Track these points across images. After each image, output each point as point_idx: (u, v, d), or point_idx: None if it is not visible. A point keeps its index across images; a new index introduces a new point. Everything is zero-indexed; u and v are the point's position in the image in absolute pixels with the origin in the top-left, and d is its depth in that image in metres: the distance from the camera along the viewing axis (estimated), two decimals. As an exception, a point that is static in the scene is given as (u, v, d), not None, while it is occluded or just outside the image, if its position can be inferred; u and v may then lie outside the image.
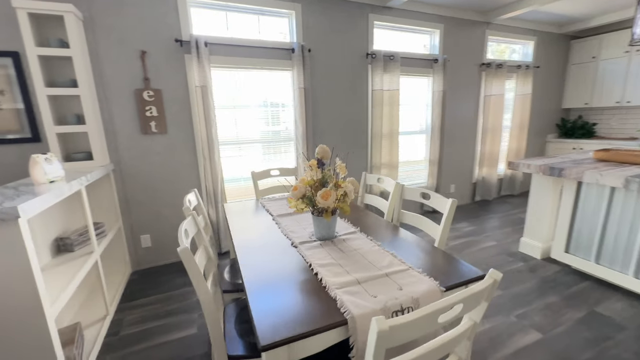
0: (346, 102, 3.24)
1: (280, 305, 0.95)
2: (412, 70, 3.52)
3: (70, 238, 1.88)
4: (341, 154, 3.33)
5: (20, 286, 1.17)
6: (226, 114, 2.81)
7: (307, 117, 2.96)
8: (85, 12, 2.21)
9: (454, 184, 4.18)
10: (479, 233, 3.25)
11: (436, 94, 3.65)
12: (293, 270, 1.17)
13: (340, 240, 1.42)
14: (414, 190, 1.69)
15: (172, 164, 2.64)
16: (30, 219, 1.65)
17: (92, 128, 2.19)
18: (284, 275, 1.13)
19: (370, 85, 3.34)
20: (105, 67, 2.32)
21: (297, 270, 1.17)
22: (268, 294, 1.01)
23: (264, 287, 1.06)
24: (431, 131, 3.79)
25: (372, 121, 3.38)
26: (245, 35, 2.78)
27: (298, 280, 1.09)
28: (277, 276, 1.12)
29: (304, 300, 0.97)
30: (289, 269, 1.18)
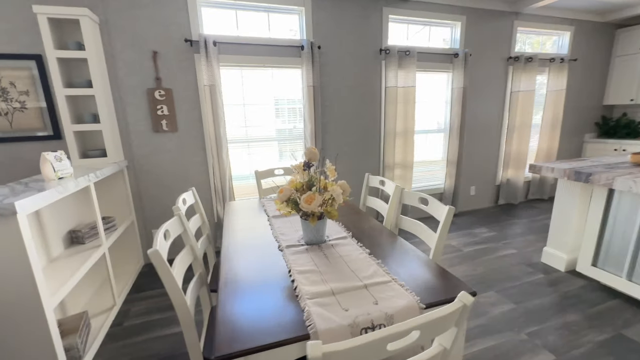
0: (358, 99, 3.15)
1: (248, 313, 0.92)
2: (429, 65, 3.35)
3: (81, 231, 1.98)
4: (346, 154, 3.25)
5: (19, 278, 1.24)
6: (236, 113, 2.84)
7: (316, 115, 2.91)
8: (101, 16, 2.31)
9: (474, 186, 3.95)
10: (498, 239, 3.04)
11: (456, 90, 3.44)
12: (272, 275, 1.14)
13: (328, 245, 1.37)
14: (413, 195, 1.60)
15: (183, 162, 2.71)
16: (42, 213, 1.76)
17: (106, 126, 2.29)
18: (261, 280, 1.10)
19: (384, 82, 3.21)
20: (119, 68, 2.41)
21: (276, 276, 1.14)
22: (240, 299, 0.99)
23: (238, 291, 1.04)
24: (450, 130, 3.59)
25: (385, 119, 3.26)
26: (255, 33, 2.78)
27: (274, 287, 1.06)
28: (254, 280, 1.10)
29: (275, 308, 0.94)
30: (269, 273, 1.15)
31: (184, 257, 1.25)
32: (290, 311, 0.93)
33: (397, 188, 1.68)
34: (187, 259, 1.28)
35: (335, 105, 3.08)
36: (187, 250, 1.30)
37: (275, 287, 1.06)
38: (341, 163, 3.22)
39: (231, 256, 1.29)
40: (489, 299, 2.08)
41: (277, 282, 1.09)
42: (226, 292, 1.04)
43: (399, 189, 1.66)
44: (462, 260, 2.63)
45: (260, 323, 0.87)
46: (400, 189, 1.66)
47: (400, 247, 1.34)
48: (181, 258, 1.21)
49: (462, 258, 2.68)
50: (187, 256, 1.28)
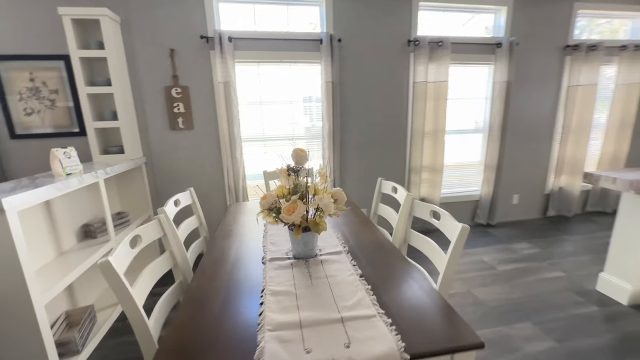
0: (381, 96, 2.90)
1: (196, 340, 0.79)
2: (466, 58, 2.98)
3: (93, 225, 2.04)
4: (367, 155, 3.01)
5: (7, 275, 1.25)
6: (252, 110, 2.77)
7: (335, 113, 2.73)
8: (122, 15, 2.36)
9: (518, 194, 3.47)
10: (542, 258, 2.61)
11: (498, 85, 3.03)
12: (243, 294, 1.00)
13: (317, 261, 1.20)
14: (424, 207, 1.36)
15: (198, 160, 2.70)
16: (54, 206, 1.81)
17: (124, 124, 2.34)
18: (229, 299, 0.97)
19: (412, 76, 2.93)
20: (139, 66, 2.46)
21: (247, 294, 1.00)
22: (197, 322, 0.87)
23: (199, 311, 0.92)
24: (489, 130, 3.18)
25: (412, 118, 2.97)
26: (274, 27, 2.68)
27: (240, 309, 0.92)
28: (222, 299, 0.97)
29: (229, 339, 0.80)
30: (241, 290, 1.02)
31: (159, 264, 1.16)
32: (245, 344, 0.78)
33: (407, 197, 1.45)
34: (163, 266, 1.20)
35: (356, 103, 2.87)
36: (165, 257, 1.22)
37: (241, 310, 0.92)
38: (362, 165, 3.01)
39: (207, 267, 1.18)
40: (524, 332, 1.75)
41: (245, 303, 0.95)
42: (185, 311, 0.93)
43: (410, 198, 1.43)
44: (495, 280, 2.28)
45: (202, 356, 0.74)
46: (411, 198, 1.43)
47: (401, 270, 1.12)
48: (154, 266, 1.13)
49: (495, 278, 2.33)
50: (163, 263, 1.20)
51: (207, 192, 2.77)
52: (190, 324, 0.87)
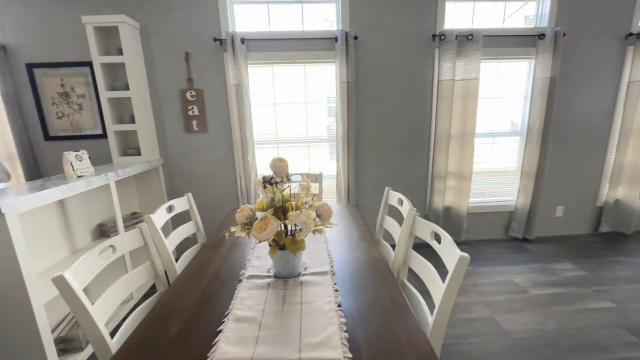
0: (402, 96, 2.69)
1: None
2: (500, 52, 2.66)
3: (107, 225, 2.12)
4: (385, 160, 2.81)
5: (6, 275, 1.30)
6: (265, 113, 2.72)
7: (349, 115, 2.58)
8: (141, 21, 2.43)
9: (563, 206, 3.04)
10: (588, 283, 2.24)
11: (539, 82, 2.67)
12: (207, 317, 0.92)
13: (297, 282, 1.08)
14: (425, 226, 1.18)
15: (212, 162, 2.71)
16: (69, 206, 1.90)
17: (141, 127, 2.42)
18: (191, 321, 0.90)
19: (437, 74, 2.68)
20: (156, 70, 2.52)
21: (211, 317, 0.92)
22: (150, 343, 0.80)
23: (155, 331, 0.86)
24: (528, 133, 2.82)
25: (437, 119, 2.72)
26: (288, 27, 2.60)
27: (197, 334, 0.84)
28: (183, 320, 0.90)
29: (171, 372, 0.72)
30: (206, 312, 0.94)
31: (135, 275, 1.13)
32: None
33: (409, 213, 1.27)
34: (142, 277, 1.17)
35: (373, 104, 2.69)
36: (145, 267, 1.19)
37: (200, 336, 0.84)
38: (379, 170, 2.82)
39: (181, 282, 1.13)
40: (555, 375, 1.48)
41: (207, 327, 0.87)
42: (142, 330, 0.87)
43: (412, 214, 1.26)
44: (525, 307, 1.99)
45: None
46: (413, 214, 1.25)
47: (390, 302, 0.97)
48: (129, 277, 1.10)
49: (525, 303, 2.03)
50: (142, 274, 1.17)
51: (220, 195, 2.78)
52: (143, 346, 0.80)
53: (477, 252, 2.79)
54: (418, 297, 1.14)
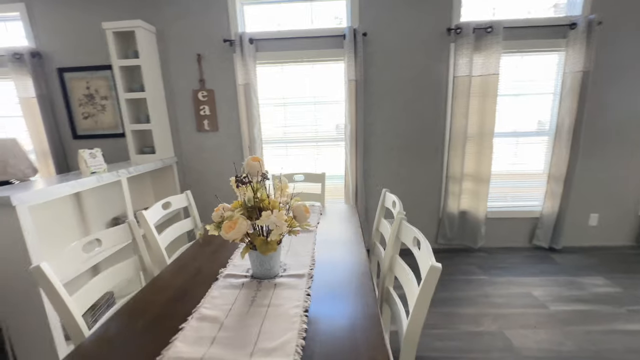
0: (414, 94, 2.58)
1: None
2: (524, 44, 2.46)
3: (120, 218, 2.24)
4: (396, 161, 2.70)
5: (16, 263, 1.42)
6: (274, 112, 2.73)
7: (357, 114, 2.52)
8: (157, 25, 2.54)
9: (597, 214, 2.75)
10: (621, 301, 2.00)
11: (570, 76, 2.42)
12: (175, 313, 0.93)
13: (271, 284, 1.06)
14: (409, 232, 1.10)
15: (222, 161, 2.78)
16: (84, 199, 2.03)
17: (155, 126, 2.53)
18: (158, 318, 0.91)
19: (452, 70, 2.53)
20: (171, 72, 2.62)
21: (177, 315, 0.92)
22: (116, 338, 0.82)
23: (124, 325, 0.88)
24: (556, 133, 2.57)
25: (452, 118, 2.57)
26: (297, 26, 2.59)
27: (161, 330, 0.85)
28: (152, 316, 0.92)
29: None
30: (176, 309, 0.95)
31: (119, 269, 1.18)
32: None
33: (397, 216, 1.20)
34: (129, 270, 1.21)
35: (383, 102, 2.60)
36: (133, 261, 1.23)
37: (157, 336, 0.84)
38: (390, 171, 2.73)
39: (161, 278, 1.15)
40: (566, 401, 1.33)
41: (170, 326, 0.88)
42: (111, 324, 0.89)
43: (399, 218, 1.18)
44: (542, 323, 1.82)
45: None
46: (400, 218, 1.18)
47: (362, 310, 0.92)
48: (113, 271, 1.14)
49: (543, 319, 1.85)
50: (129, 267, 1.21)
51: (230, 194, 2.84)
52: (107, 338, 0.83)
53: (494, 260, 2.60)
54: (400, 306, 1.07)
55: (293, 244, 1.40)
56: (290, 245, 1.38)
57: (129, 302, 1.00)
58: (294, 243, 1.41)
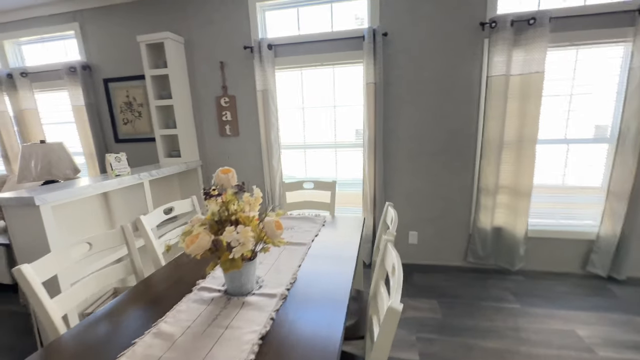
0: (440, 96, 2.35)
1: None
2: (577, 36, 2.09)
3: (144, 219, 2.39)
4: (421, 170, 2.48)
5: (40, 255, 1.56)
6: (294, 117, 2.71)
7: (376, 118, 2.38)
8: (186, 36, 2.68)
9: (677, 240, 2.23)
10: (702, 356, 1.57)
11: (639, 72, 2.00)
12: (139, 325, 0.93)
13: (240, 302, 1.01)
14: (390, 258, 0.97)
15: (243, 165, 2.83)
16: (112, 199, 2.21)
17: (181, 131, 2.67)
18: (121, 327, 0.91)
19: (485, 69, 2.26)
20: (197, 80, 2.75)
21: (140, 327, 0.92)
22: (78, 342, 0.84)
23: (90, 331, 0.90)
24: (619, 140, 2.15)
25: (484, 122, 2.29)
26: (317, 29, 2.53)
27: (115, 343, 0.85)
28: (121, 327, 0.92)
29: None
30: (141, 320, 0.95)
31: (107, 273, 1.22)
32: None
33: (384, 238, 1.07)
34: (119, 274, 1.25)
35: (406, 106, 2.42)
36: (124, 265, 1.28)
37: (113, 347, 0.84)
38: (413, 180, 2.52)
39: (142, 285, 1.17)
40: None
41: (129, 337, 0.87)
42: (80, 327, 0.92)
43: (384, 240, 1.05)
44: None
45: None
46: (386, 240, 1.05)
47: (324, 340, 0.82)
48: (100, 274, 1.19)
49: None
50: (120, 271, 1.26)
51: (249, 196, 2.88)
52: (74, 342, 0.85)
53: (533, 286, 2.25)
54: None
55: (281, 257, 1.34)
56: (278, 258, 1.32)
57: (105, 307, 1.03)
58: (282, 256, 1.35)
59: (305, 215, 1.87)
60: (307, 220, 1.79)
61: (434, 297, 2.16)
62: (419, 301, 2.12)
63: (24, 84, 3.03)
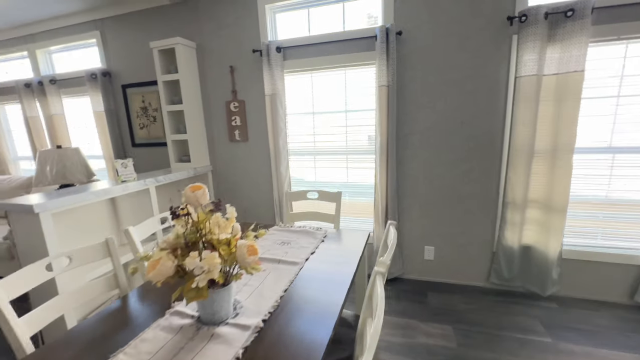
0: (460, 100, 2.14)
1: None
2: (625, 29, 1.80)
3: (152, 224, 2.39)
4: (438, 181, 2.26)
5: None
6: (303, 122, 2.60)
7: (389, 124, 2.21)
8: (198, 41, 2.67)
9: None
10: None
11: None
12: (104, 349, 0.86)
13: (209, 333, 0.91)
14: (376, 293, 0.82)
15: (252, 171, 2.77)
16: (119, 204, 2.22)
17: (191, 136, 2.66)
18: (87, 350, 0.85)
19: (514, 69, 2.01)
20: (208, 85, 2.73)
21: (102, 354, 0.85)
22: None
23: (57, 351, 0.84)
24: (680, 149, 1.81)
25: (512, 128, 2.05)
26: (329, 30, 2.41)
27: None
28: (84, 347, 0.86)
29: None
30: (108, 344, 0.88)
31: (87, 288, 1.18)
32: None
33: (375, 269, 0.92)
34: (102, 288, 1.21)
35: (422, 110, 2.22)
36: (106, 279, 1.23)
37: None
38: (429, 190, 2.32)
39: (120, 305, 1.11)
40: None
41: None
42: (45, 349, 0.86)
43: (375, 272, 0.90)
44: None
45: None
46: (376, 273, 0.90)
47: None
48: (76, 291, 1.15)
49: None
50: (101, 285, 1.21)
51: (258, 204, 2.81)
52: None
53: (568, 316, 1.97)
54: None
55: (269, 278, 1.23)
56: (265, 280, 1.22)
57: (72, 330, 0.97)
58: (270, 277, 1.24)
59: (305, 228, 1.75)
60: (307, 235, 1.67)
61: (448, 322, 1.95)
62: (430, 326, 1.92)
63: (52, 90, 3.19)
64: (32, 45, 3.23)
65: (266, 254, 1.44)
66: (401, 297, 2.26)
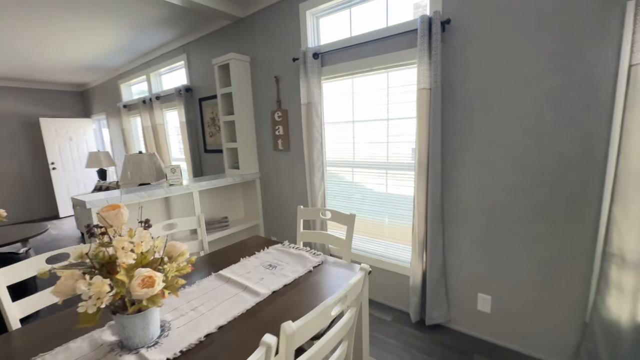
0: (536, 103, 1.54)
1: None
2: None
3: (198, 224, 2.63)
4: (502, 212, 1.68)
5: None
6: (342, 131, 2.40)
7: (432, 135, 1.79)
8: (252, 54, 2.81)
9: None
10: None
11: None
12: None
13: (116, 357, 0.87)
14: None
15: (291, 180, 2.73)
16: (171, 204, 2.52)
17: (240, 145, 2.82)
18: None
19: (627, 55, 1.31)
20: (259, 95, 2.84)
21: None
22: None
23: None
24: None
25: (621, 142, 1.35)
26: (369, 28, 2.15)
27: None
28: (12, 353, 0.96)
29: None
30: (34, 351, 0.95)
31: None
32: None
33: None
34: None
35: (477, 117, 1.72)
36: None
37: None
38: (486, 224, 1.77)
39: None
40: None
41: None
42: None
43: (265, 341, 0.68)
44: None
45: None
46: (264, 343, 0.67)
47: None
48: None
49: None
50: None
51: (295, 215, 2.75)
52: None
53: None
54: None
55: (223, 304, 1.12)
56: (218, 306, 1.12)
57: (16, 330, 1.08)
58: (226, 303, 1.13)
59: (303, 252, 1.57)
60: (299, 260, 1.50)
61: (488, 408, 1.42)
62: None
63: (157, 105, 3.94)
64: (147, 70, 4.07)
65: (242, 277, 1.35)
66: (437, 352, 1.79)
